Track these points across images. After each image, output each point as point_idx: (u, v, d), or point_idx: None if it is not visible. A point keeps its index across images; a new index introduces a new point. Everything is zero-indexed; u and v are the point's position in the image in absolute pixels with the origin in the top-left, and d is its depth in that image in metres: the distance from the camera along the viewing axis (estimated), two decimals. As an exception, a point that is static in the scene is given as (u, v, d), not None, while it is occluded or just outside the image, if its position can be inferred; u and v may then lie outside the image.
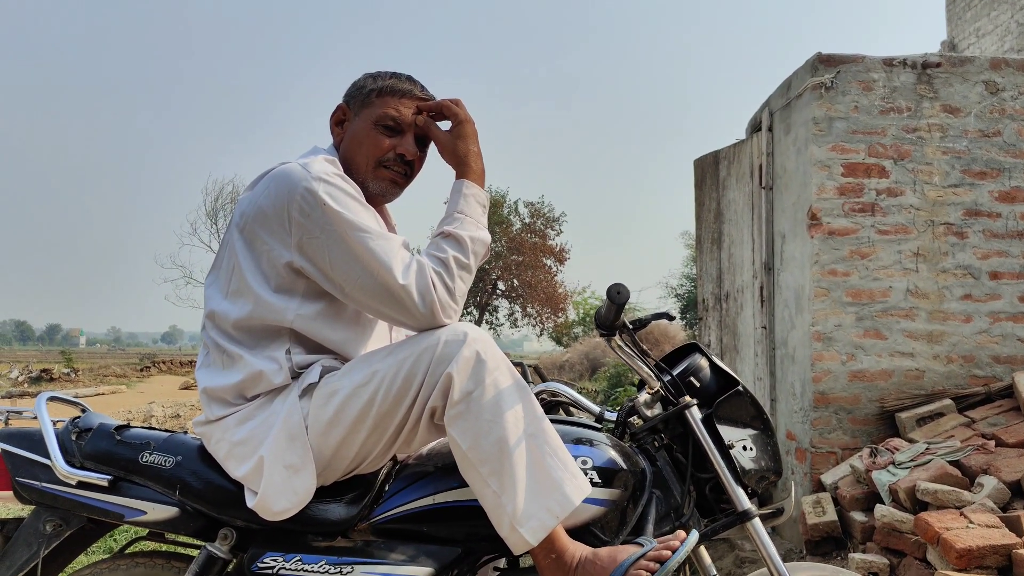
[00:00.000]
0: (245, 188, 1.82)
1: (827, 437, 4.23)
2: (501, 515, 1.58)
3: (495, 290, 27.03)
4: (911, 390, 4.23)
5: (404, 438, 1.67)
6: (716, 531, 1.77)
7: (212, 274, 1.81)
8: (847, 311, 4.24)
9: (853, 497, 3.77)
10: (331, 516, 1.70)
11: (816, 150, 4.25)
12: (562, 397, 2.09)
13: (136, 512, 1.73)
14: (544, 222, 26.84)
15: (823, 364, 4.23)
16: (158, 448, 1.76)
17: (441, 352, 1.60)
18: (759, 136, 4.93)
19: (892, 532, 3.38)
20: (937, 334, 4.27)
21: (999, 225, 4.32)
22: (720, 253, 5.70)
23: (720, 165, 5.66)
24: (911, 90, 4.30)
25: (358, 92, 1.86)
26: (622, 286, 1.63)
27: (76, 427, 1.82)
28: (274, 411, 1.69)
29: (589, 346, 19.19)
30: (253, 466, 1.66)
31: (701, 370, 1.86)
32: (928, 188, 4.30)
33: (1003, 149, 4.33)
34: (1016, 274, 4.32)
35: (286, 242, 1.68)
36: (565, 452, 1.64)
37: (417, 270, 1.66)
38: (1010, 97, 4.34)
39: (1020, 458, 3.50)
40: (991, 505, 3.23)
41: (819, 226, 4.25)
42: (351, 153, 1.83)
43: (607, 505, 1.71)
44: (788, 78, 4.61)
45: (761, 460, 1.81)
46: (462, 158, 1.82)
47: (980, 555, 2.85)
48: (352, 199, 1.69)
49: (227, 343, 1.74)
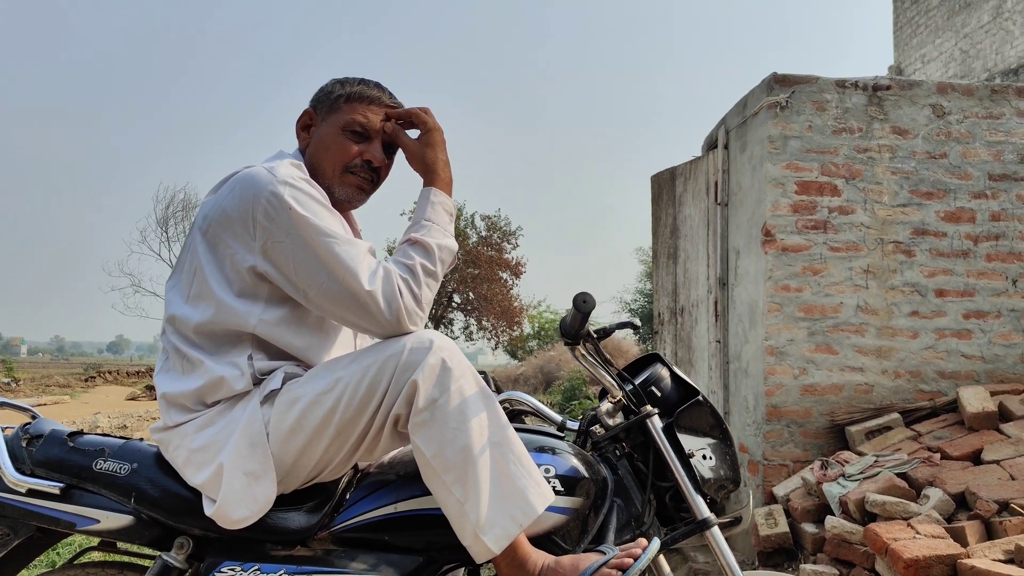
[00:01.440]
0: (209, 191, 1.79)
1: (779, 450, 4.30)
2: (464, 523, 1.58)
3: (451, 303, 26.96)
4: (860, 404, 4.32)
5: (367, 446, 1.66)
6: (676, 539, 1.79)
7: (173, 277, 1.78)
8: (799, 326, 4.33)
9: (804, 509, 3.83)
10: (291, 525, 1.68)
11: (771, 168, 4.34)
12: (523, 406, 2.09)
13: (89, 521, 1.69)
14: (500, 236, 26.87)
15: (776, 378, 4.31)
16: (113, 455, 1.72)
17: (406, 359, 1.60)
18: (715, 153, 5.02)
19: (842, 543, 3.45)
20: (886, 349, 4.38)
21: (944, 244, 4.46)
22: (676, 268, 5.77)
23: (676, 181, 5.74)
24: (862, 111, 4.43)
25: (326, 97, 1.85)
26: (588, 295, 1.65)
27: (26, 433, 1.77)
28: (235, 417, 1.66)
29: (544, 359, 19.24)
30: (212, 473, 1.63)
31: (662, 380, 1.88)
32: (878, 207, 4.42)
33: (948, 171, 4.47)
34: (960, 292, 4.45)
35: (250, 246, 1.66)
36: (529, 460, 1.64)
37: (383, 276, 1.65)
38: (956, 120, 4.48)
39: (964, 471, 3.60)
40: (937, 516, 3.32)
41: (773, 242, 4.33)
42: (317, 158, 1.82)
43: (569, 513, 1.71)
44: (744, 97, 4.71)
45: (720, 469, 1.84)
46: (430, 166, 1.82)
47: (926, 565, 2.92)
48: (318, 204, 1.68)
49: (187, 348, 1.71)
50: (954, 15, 13.17)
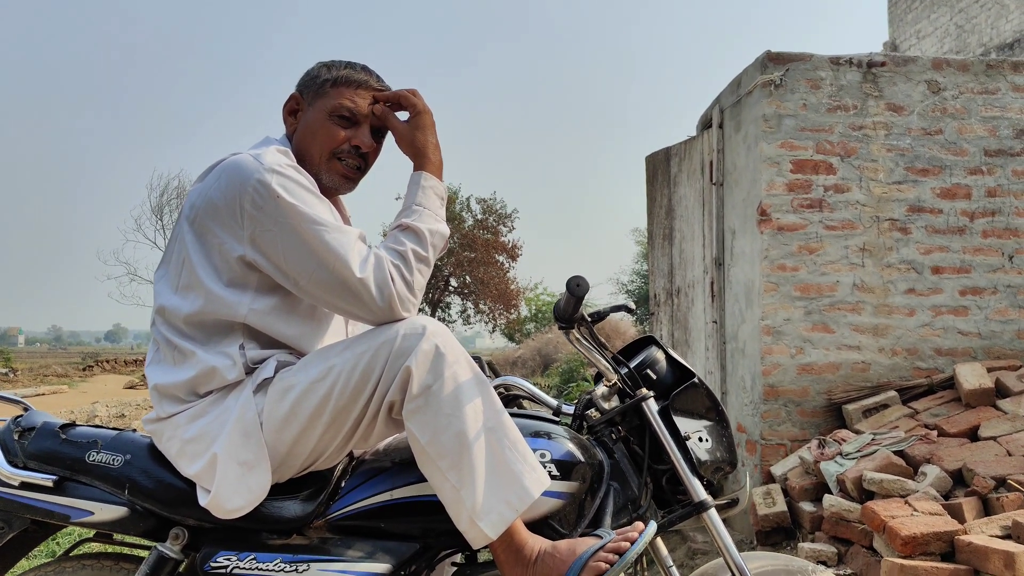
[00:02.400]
0: (195, 179, 1.77)
1: (777, 429, 4.30)
2: (460, 509, 1.57)
3: (447, 287, 26.95)
4: (857, 382, 4.32)
5: (361, 433, 1.65)
6: (673, 522, 1.79)
7: (162, 268, 1.76)
8: (796, 305, 4.32)
9: (802, 488, 3.84)
10: (286, 513, 1.67)
11: (766, 147, 4.32)
12: (519, 391, 2.08)
13: (83, 513, 1.68)
14: (496, 219, 26.83)
15: (772, 358, 4.31)
16: (106, 447, 1.71)
17: (400, 346, 1.59)
18: (710, 133, 4.99)
19: (840, 521, 3.46)
20: (882, 327, 4.38)
21: (940, 221, 4.44)
22: (671, 249, 5.76)
23: (671, 162, 5.71)
24: (857, 88, 4.40)
25: (312, 81, 1.82)
26: (582, 279, 1.63)
27: (18, 426, 1.76)
28: (227, 407, 1.65)
29: (541, 342, 19.27)
30: (206, 464, 1.62)
31: (657, 363, 1.87)
32: (873, 185, 4.40)
33: (944, 147, 4.45)
34: (956, 268, 4.45)
35: (238, 235, 1.64)
36: (524, 445, 1.63)
37: (375, 263, 1.63)
38: (951, 96, 4.46)
39: (961, 447, 3.61)
40: (934, 493, 3.33)
41: (768, 222, 4.32)
42: (305, 144, 1.80)
43: (565, 498, 1.71)
44: (738, 76, 4.68)
45: (717, 451, 1.83)
46: (420, 149, 1.80)
47: (924, 542, 2.93)
48: (306, 191, 1.66)
49: (178, 339, 1.70)
50: (949, -10, 13.09)
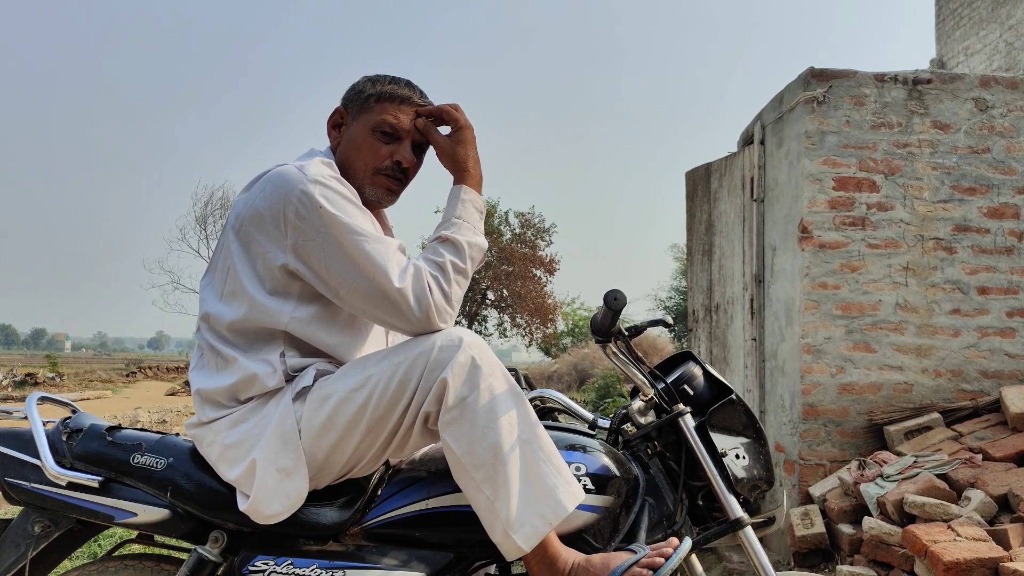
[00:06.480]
0: (241, 190, 1.81)
1: (816, 449, 4.24)
2: (494, 521, 1.58)
3: (484, 300, 27.03)
4: (899, 403, 4.25)
5: (397, 443, 1.67)
6: (708, 539, 1.77)
7: (207, 276, 1.80)
8: (837, 324, 4.26)
9: (841, 509, 3.78)
10: (323, 520, 1.70)
11: (808, 163, 4.28)
12: (554, 404, 2.09)
13: (126, 514, 1.72)
14: (534, 233, 26.88)
15: (812, 377, 4.25)
16: (150, 450, 1.75)
17: (436, 357, 1.60)
18: (751, 149, 4.96)
19: (880, 545, 3.39)
20: (926, 348, 4.30)
21: (987, 241, 4.36)
22: (711, 265, 5.72)
23: (712, 177, 5.68)
24: (902, 106, 4.34)
25: (356, 96, 1.86)
26: (619, 292, 1.64)
27: (67, 428, 1.81)
28: (267, 414, 1.68)
29: (578, 357, 19.19)
30: (245, 469, 1.65)
31: (695, 378, 1.86)
32: (918, 203, 4.33)
33: (992, 166, 4.37)
34: (1004, 289, 4.35)
35: (281, 244, 1.68)
36: (559, 458, 1.64)
37: (413, 274, 1.65)
38: (999, 114, 4.38)
39: (1007, 472, 3.52)
40: (978, 519, 3.25)
41: (810, 239, 4.27)
42: (348, 158, 1.83)
43: (600, 512, 1.71)
44: (780, 92, 4.65)
45: (754, 469, 1.82)
46: (461, 163, 1.82)
47: (967, 568, 2.86)
48: (348, 202, 1.69)
49: (221, 345, 1.73)
50: (999, 7, 12.86)
